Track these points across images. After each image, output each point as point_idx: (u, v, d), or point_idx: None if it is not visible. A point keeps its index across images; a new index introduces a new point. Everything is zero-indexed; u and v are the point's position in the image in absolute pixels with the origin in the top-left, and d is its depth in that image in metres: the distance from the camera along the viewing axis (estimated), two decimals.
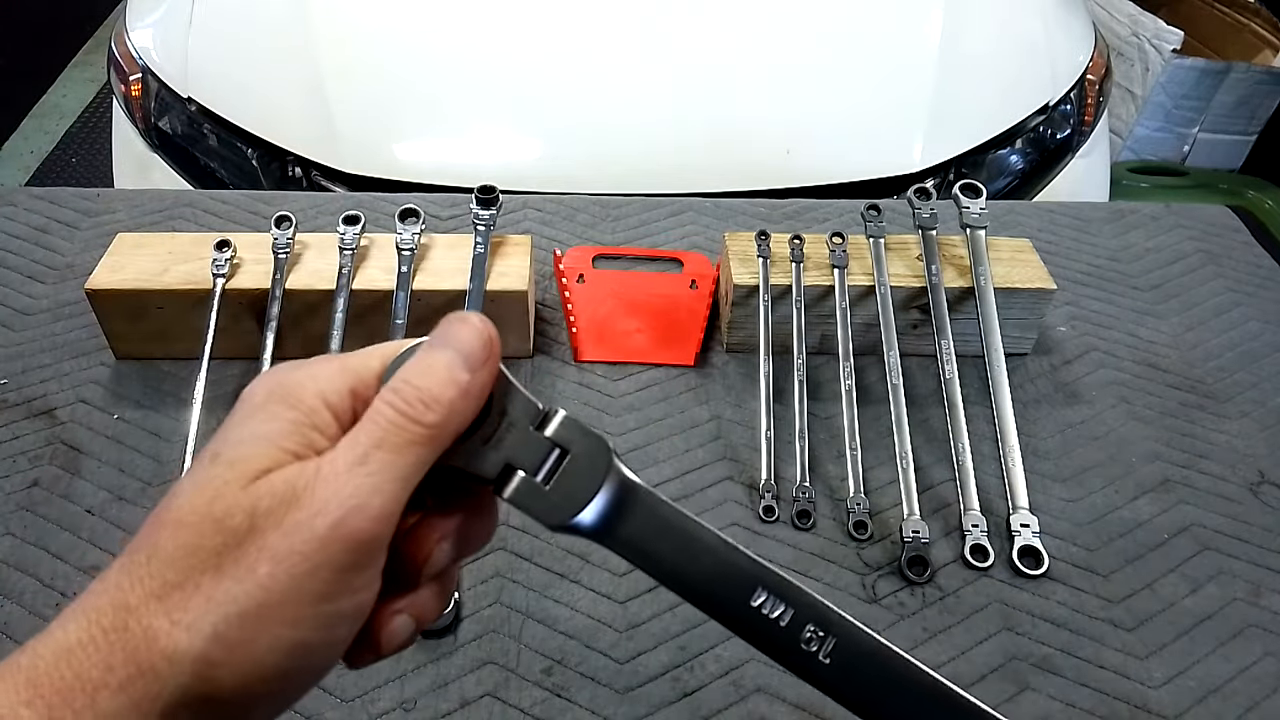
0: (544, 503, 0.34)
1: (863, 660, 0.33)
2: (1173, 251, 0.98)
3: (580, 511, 0.34)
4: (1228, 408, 0.80)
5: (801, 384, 0.75)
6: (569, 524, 0.34)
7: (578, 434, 0.35)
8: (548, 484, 0.34)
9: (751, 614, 0.34)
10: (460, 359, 0.32)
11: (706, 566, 0.34)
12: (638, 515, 0.35)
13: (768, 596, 0.34)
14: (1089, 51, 1.52)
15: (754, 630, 0.34)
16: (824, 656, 0.33)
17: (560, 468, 0.34)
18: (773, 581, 0.34)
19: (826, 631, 0.33)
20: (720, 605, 0.34)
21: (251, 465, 0.30)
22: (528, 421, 0.35)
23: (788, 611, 0.33)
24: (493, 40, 1.37)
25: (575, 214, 0.97)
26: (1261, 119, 2.50)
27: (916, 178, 1.26)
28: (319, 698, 0.57)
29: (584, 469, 0.34)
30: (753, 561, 0.34)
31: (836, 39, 1.41)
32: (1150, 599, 0.65)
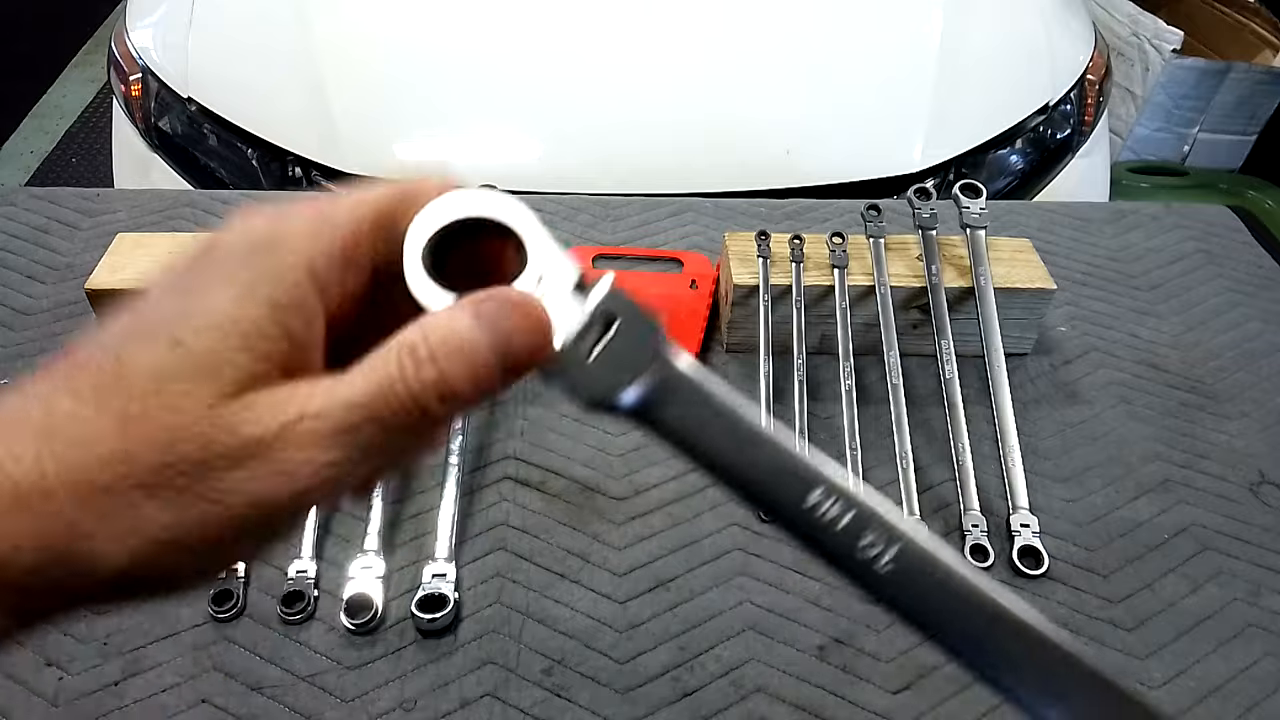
0: (584, 375, 0.30)
1: (923, 573, 0.30)
2: (1173, 251, 0.98)
3: (624, 389, 0.31)
4: (1228, 408, 0.80)
5: (801, 384, 0.75)
6: (610, 402, 0.31)
7: (624, 304, 0.31)
8: (589, 356, 0.30)
9: (806, 515, 0.31)
10: (498, 358, 0.28)
11: (758, 462, 0.31)
12: (685, 399, 0.31)
13: (825, 498, 0.31)
14: (1089, 51, 1.52)
15: (808, 533, 0.31)
16: (883, 565, 0.30)
17: (602, 340, 0.31)
18: (831, 482, 0.31)
19: (889, 538, 0.30)
20: (775, 503, 0.31)
21: (224, 377, 0.26)
22: (568, 285, 0.31)
23: (845, 514, 0.30)
24: (493, 40, 1.37)
25: (575, 214, 0.97)
26: (1261, 119, 2.50)
27: (916, 178, 1.26)
28: (319, 698, 0.57)
29: (630, 342, 0.31)
30: (810, 461, 0.31)
31: (837, 39, 1.41)
32: (1150, 599, 0.65)
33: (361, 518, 0.66)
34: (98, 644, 0.59)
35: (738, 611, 0.63)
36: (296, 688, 0.58)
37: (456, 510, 0.66)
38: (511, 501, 0.69)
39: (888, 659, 0.61)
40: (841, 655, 0.61)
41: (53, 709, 0.56)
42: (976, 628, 0.30)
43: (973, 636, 0.30)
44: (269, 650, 0.60)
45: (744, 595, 0.64)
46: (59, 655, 0.59)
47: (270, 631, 0.60)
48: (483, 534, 0.67)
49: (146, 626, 0.60)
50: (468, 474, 0.70)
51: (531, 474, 0.71)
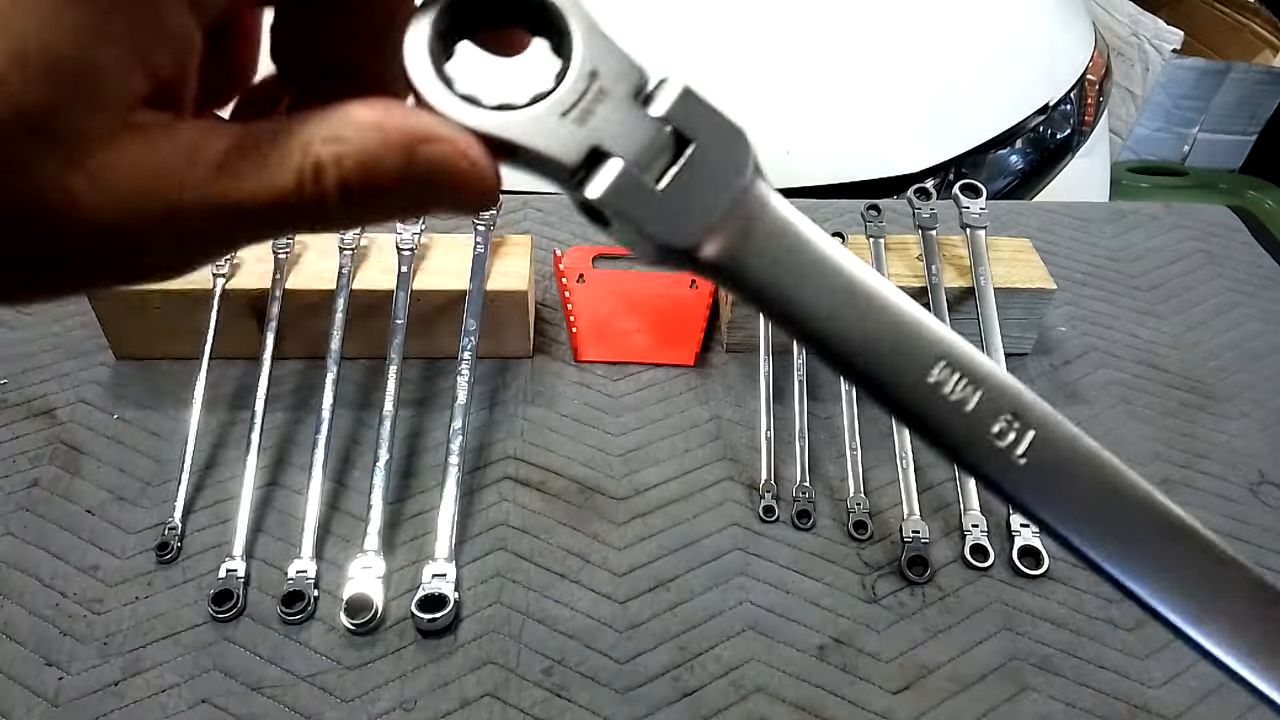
0: (646, 209, 0.23)
1: (1071, 464, 0.25)
2: (1173, 251, 0.98)
3: (701, 231, 0.24)
4: (1228, 408, 0.80)
5: (801, 384, 0.75)
6: (685, 246, 0.24)
7: (705, 117, 0.24)
8: (659, 183, 0.24)
9: (928, 394, 0.25)
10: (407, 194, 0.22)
11: (871, 326, 0.25)
12: (781, 246, 0.25)
13: (952, 372, 0.25)
14: (1089, 51, 1.52)
15: (930, 417, 0.25)
16: (1020, 455, 0.25)
17: (676, 163, 0.24)
18: (960, 353, 0.25)
19: (1024, 423, 0.25)
20: (886, 380, 0.25)
21: (63, 141, 0.20)
22: (628, 89, 0.24)
23: (976, 392, 0.25)
24: None
25: (575, 214, 0.97)
26: (1261, 119, 2.50)
27: (916, 178, 1.26)
28: (319, 698, 0.57)
29: (711, 168, 0.24)
30: (933, 326, 0.25)
31: (836, 39, 1.41)
32: None
33: (361, 518, 0.66)
34: (98, 644, 0.59)
35: (738, 611, 0.63)
36: (296, 688, 0.58)
37: (456, 510, 0.66)
38: (511, 501, 0.69)
39: (888, 659, 0.61)
40: (841, 655, 0.61)
41: (53, 709, 0.56)
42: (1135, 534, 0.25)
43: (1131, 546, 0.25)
44: (269, 650, 0.60)
45: (744, 595, 0.64)
46: (59, 655, 0.59)
47: (270, 631, 0.60)
48: (483, 534, 0.67)
49: (146, 626, 0.60)
50: (468, 474, 0.70)
51: (531, 474, 0.71)
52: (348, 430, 0.73)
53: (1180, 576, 0.25)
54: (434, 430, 0.73)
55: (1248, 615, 0.25)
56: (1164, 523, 0.25)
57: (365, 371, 0.77)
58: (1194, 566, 0.25)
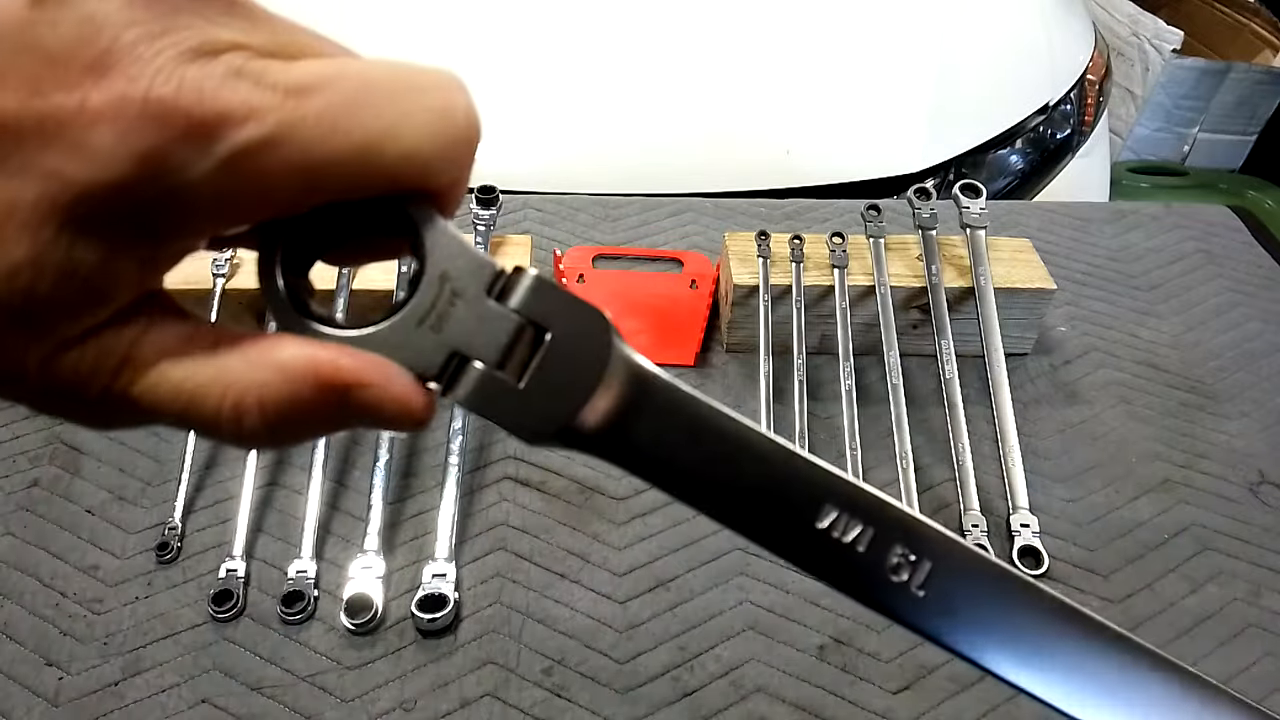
0: (518, 405, 0.24)
1: (967, 587, 0.25)
2: (1173, 251, 0.98)
3: (570, 416, 0.24)
4: (1228, 408, 0.80)
5: (801, 384, 0.75)
6: (558, 433, 0.24)
7: (558, 303, 0.24)
8: (520, 379, 0.24)
9: (820, 539, 0.25)
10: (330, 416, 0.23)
11: (754, 479, 0.25)
12: (653, 414, 0.25)
13: (840, 513, 0.25)
14: (1089, 51, 1.52)
15: (827, 563, 0.25)
16: (919, 588, 0.25)
17: (536, 355, 0.24)
18: (846, 492, 0.25)
19: (919, 554, 0.25)
20: (777, 532, 0.25)
21: None
22: (481, 288, 0.24)
23: (867, 531, 0.25)
24: (492, 40, 1.37)
25: (575, 214, 0.97)
26: (1261, 119, 2.50)
27: (916, 178, 1.26)
28: (319, 698, 0.57)
29: (572, 353, 0.24)
30: (817, 467, 0.25)
31: (836, 39, 1.41)
32: (1150, 599, 0.65)
33: (361, 518, 0.66)
34: (98, 644, 0.59)
35: (738, 611, 0.63)
36: (296, 688, 0.58)
37: (456, 510, 0.66)
38: (511, 501, 0.69)
39: (888, 659, 0.61)
40: (841, 655, 0.61)
41: (53, 709, 0.56)
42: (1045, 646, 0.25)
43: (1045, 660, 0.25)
44: (269, 650, 0.60)
45: (744, 595, 0.64)
46: (59, 655, 0.59)
47: (270, 631, 0.60)
48: (483, 534, 0.67)
49: (146, 626, 0.60)
50: (468, 474, 0.70)
51: (531, 474, 0.71)
52: None
53: (1104, 684, 0.25)
54: (434, 430, 0.73)
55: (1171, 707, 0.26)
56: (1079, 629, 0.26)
57: None
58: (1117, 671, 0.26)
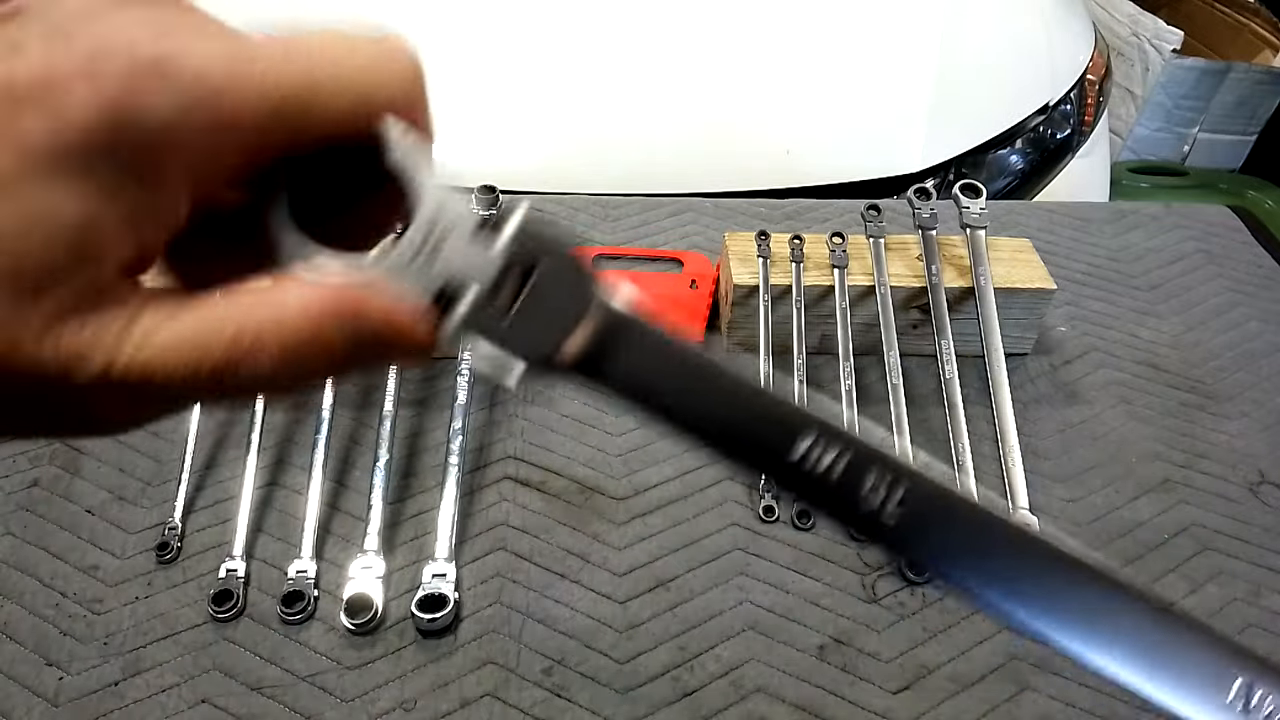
0: (502, 336, 0.26)
1: (937, 512, 0.27)
2: (1173, 251, 0.98)
3: (553, 347, 0.26)
4: (1228, 408, 0.80)
5: (801, 384, 0.75)
6: (545, 361, 0.26)
7: (544, 240, 0.26)
8: (508, 311, 0.26)
9: (796, 469, 0.26)
10: (343, 360, 0.24)
11: (733, 411, 0.27)
12: (633, 350, 0.27)
13: (814, 443, 0.26)
14: (1089, 51, 1.52)
15: (803, 485, 0.27)
16: (891, 510, 0.26)
17: (524, 289, 0.26)
18: (818, 425, 0.27)
19: (893, 479, 0.26)
20: (756, 462, 0.27)
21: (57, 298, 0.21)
22: (470, 227, 0.26)
23: (841, 458, 0.26)
24: (493, 40, 1.37)
25: (575, 214, 0.97)
26: (1261, 119, 2.50)
27: (916, 178, 1.26)
28: (319, 697, 0.57)
29: (555, 289, 0.26)
30: (790, 405, 0.27)
31: (836, 39, 1.41)
32: None
33: (361, 518, 0.66)
34: (98, 644, 0.59)
35: (738, 611, 0.63)
36: (296, 688, 0.58)
37: (456, 510, 0.66)
38: (511, 501, 0.69)
39: (888, 659, 0.61)
40: (841, 655, 0.61)
41: (53, 709, 0.56)
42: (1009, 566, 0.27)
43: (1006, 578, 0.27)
44: (269, 650, 0.60)
45: (744, 595, 0.64)
46: (59, 655, 0.59)
47: (270, 631, 0.60)
48: (483, 534, 0.67)
49: (146, 626, 0.60)
50: (468, 474, 0.70)
51: (531, 474, 0.71)
52: (348, 430, 0.73)
53: (1062, 596, 0.26)
54: (434, 430, 0.73)
55: (1134, 626, 0.27)
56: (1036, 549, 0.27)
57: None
58: (1075, 585, 0.27)
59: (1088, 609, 0.27)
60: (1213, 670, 0.26)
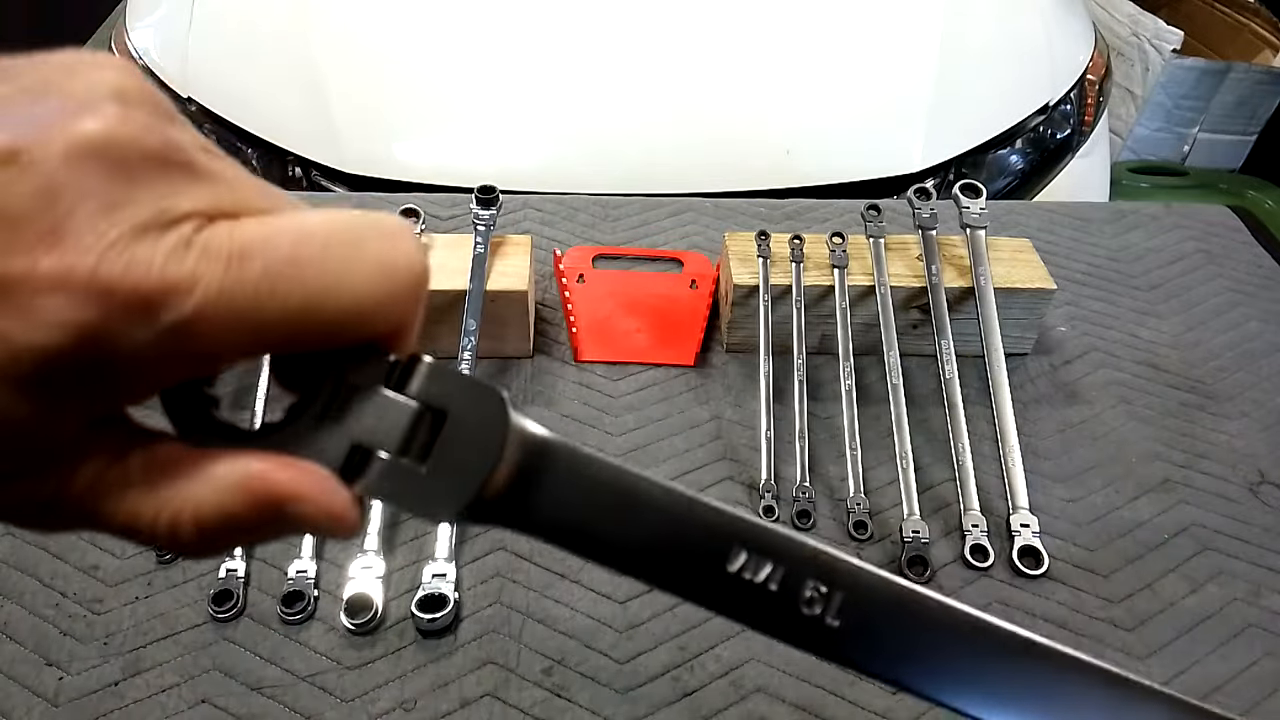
0: (420, 490, 0.25)
1: (880, 612, 0.26)
2: (1173, 251, 0.98)
3: (475, 493, 0.25)
4: (1228, 408, 0.80)
5: (801, 384, 0.75)
6: (463, 512, 0.25)
7: (454, 386, 0.25)
8: (423, 463, 0.25)
9: (734, 583, 0.26)
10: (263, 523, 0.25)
11: (662, 534, 0.26)
12: (557, 483, 0.26)
13: (749, 556, 0.26)
14: (1089, 51, 1.52)
15: (742, 604, 0.26)
16: (833, 618, 0.26)
17: (436, 439, 0.25)
18: (752, 534, 0.26)
19: (830, 585, 0.25)
20: (692, 581, 0.26)
21: None
22: (378, 381, 0.25)
23: (778, 570, 0.26)
24: (493, 40, 1.37)
25: (575, 214, 0.97)
26: (1261, 119, 2.50)
27: (916, 178, 1.26)
28: (319, 697, 0.57)
29: (470, 433, 0.25)
30: (721, 514, 0.26)
31: (836, 39, 1.41)
32: (1150, 599, 0.65)
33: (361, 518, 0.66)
34: (98, 644, 0.59)
35: None
36: (296, 688, 0.58)
37: None
38: None
39: None
40: None
41: (53, 709, 0.56)
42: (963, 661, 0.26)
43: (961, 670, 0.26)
44: (269, 650, 0.60)
45: None
46: (59, 655, 0.59)
47: (270, 631, 0.60)
48: (483, 534, 0.67)
49: (146, 626, 0.60)
50: None
51: None
52: None
53: (1018, 690, 0.26)
54: None
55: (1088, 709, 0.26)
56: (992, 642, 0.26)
57: None
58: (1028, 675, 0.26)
59: (1042, 693, 0.26)
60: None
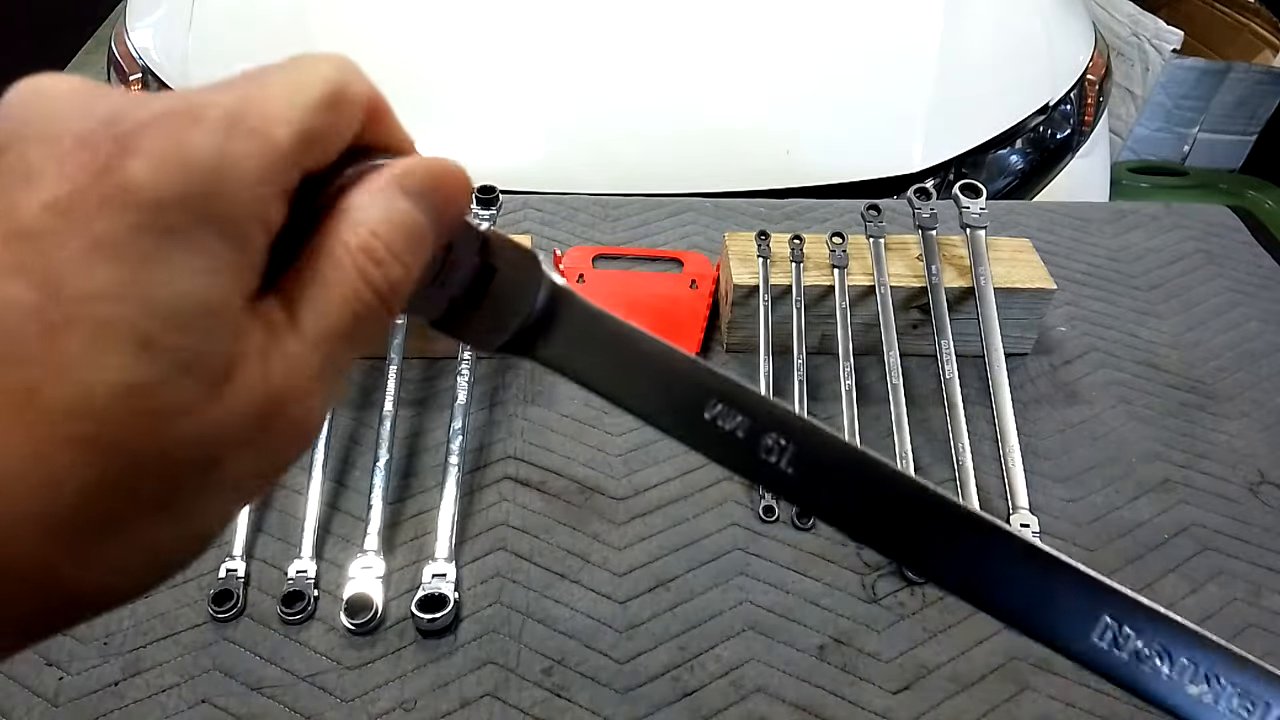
0: (473, 326, 0.31)
1: (828, 465, 0.30)
2: (1173, 251, 0.98)
3: (509, 332, 0.31)
4: (1228, 408, 0.80)
5: (801, 384, 0.75)
6: (501, 346, 0.31)
7: (500, 248, 0.31)
8: (476, 307, 0.31)
9: (706, 427, 0.31)
10: (438, 234, 0.27)
11: (652, 377, 0.31)
12: (573, 326, 0.32)
13: (722, 407, 0.30)
14: (1089, 51, 1.52)
15: (711, 445, 0.31)
16: (786, 466, 0.30)
17: (487, 289, 0.31)
18: (726, 390, 0.31)
19: (787, 439, 0.30)
20: (671, 420, 0.31)
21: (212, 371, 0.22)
22: (474, 248, 0.31)
23: (744, 421, 0.30)
24: (493, 40, 1.37)
25: (575, 214, 0.97)
26: (1261, 119, 2.50)
27: (916, 178, 1.26)
28: (319, 697, 0.57)
29: (510, 285, 0.31)
30: (704, 370, 0.31)
31: (836, 39, 1.41)
32: (1150, 599, 0.65)
33: (361, 518, 0.66)
34: (98, 644, 0.59)
35: (738, 611, 0.63)
36: (296, 688, 0.58)
37: (456, 510, 0.66)
38: (511, 501, 0.69)
39: (888, 659, 0.61)
40: (841, 655, 0.61)
41: (53, 709, 0.56)
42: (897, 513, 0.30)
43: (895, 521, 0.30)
44: (269, 650, 0.60)
45: (744, 595, 0.64)
46: (59, 655, 0.59)
47: (270, 631, 0.60)
48: (483, 534, 0.67)
49: (146, 626, 0.60)
50: (468, 474, 0.70)
51: (531, 474, 0.71)
52: (348, 430, 0.73)
53: (947, 546, 0.29)
54: (434, 430, 0.73)
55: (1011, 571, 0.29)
56: (921, 500, 0.30)
57: (365, 371, 0.77)
58: (956, 533, 0.29)
59: (966, 554, 0.29)
60: (1083, 608, 0.30)
